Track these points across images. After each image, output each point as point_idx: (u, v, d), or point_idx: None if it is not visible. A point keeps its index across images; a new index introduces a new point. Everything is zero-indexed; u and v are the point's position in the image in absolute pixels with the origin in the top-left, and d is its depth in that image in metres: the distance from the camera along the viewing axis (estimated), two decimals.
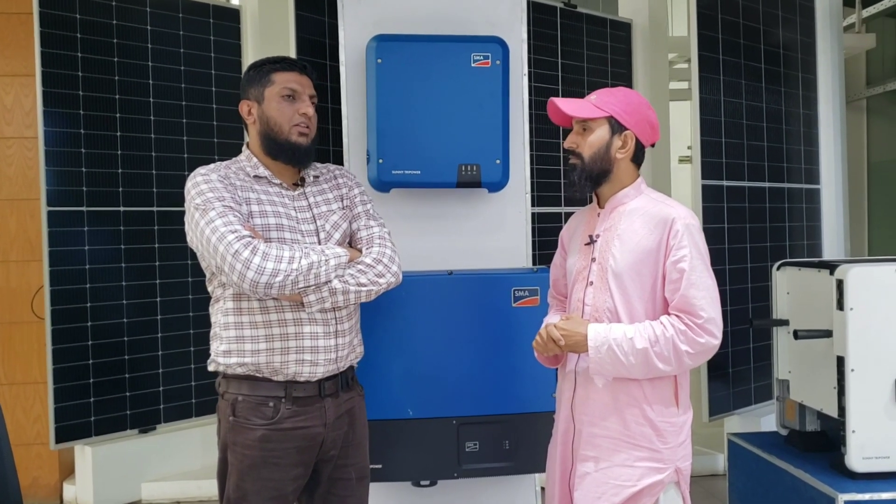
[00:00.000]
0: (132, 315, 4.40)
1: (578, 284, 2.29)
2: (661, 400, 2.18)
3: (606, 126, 2.21)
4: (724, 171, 4.42)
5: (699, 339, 2.09)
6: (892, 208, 6.79)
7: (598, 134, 2.21)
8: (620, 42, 5.11)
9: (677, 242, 2.12)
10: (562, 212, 4.90)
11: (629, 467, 2.17)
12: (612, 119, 2.20)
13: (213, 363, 2.21)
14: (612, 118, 2.20)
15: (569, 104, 2.24)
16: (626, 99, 2.23)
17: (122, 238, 4.37)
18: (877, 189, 6.86)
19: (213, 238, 2.04)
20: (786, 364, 3.24)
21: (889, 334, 2.72)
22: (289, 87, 2.21)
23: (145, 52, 4.45)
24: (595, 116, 2.20)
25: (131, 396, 4.39)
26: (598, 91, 2.28)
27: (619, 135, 2.21)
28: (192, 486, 4.45)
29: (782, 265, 3.30)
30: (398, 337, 2.57)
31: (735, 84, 4.50)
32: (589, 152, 2.21)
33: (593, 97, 2.25)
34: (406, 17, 2.83)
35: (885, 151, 7.00)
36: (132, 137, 4.40)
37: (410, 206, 2.38)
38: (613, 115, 2.20)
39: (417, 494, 2.77)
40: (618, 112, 2.20)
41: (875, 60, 7.07)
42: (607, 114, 2.20)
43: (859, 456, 2.72)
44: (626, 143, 2.21)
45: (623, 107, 2.21)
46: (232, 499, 2.15)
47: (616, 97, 2.23)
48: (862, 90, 6.61)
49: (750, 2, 4.60)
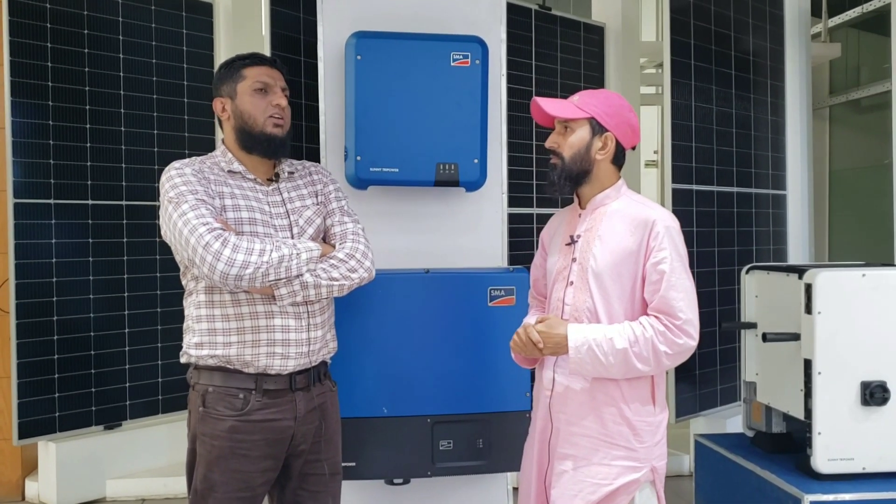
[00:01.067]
0: (99, 310, 4.33)
1: (559, 284, 2.31)
2: (638, 399, 2.21)
3: (587, 127, 2.23)
4: (694, 176, 4.48)
5: (678, 340, 2.13)
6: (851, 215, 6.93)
7: (578, 134, 2.23)
8: (593, 45, 5.15)
9: (658, 244, 2.15)
10: (533, 213, 4.92)
11: (606, 466, 2.19)
12: (593, 120, 2.23)
13: (185, 355, 2.22)
14: (594, 119, 2.23)
15: (551, 104, 2.26)
16: (607, 101, 2.26)
17: (89, 232, 4.30)
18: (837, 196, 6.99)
19: (185, 230, 2.05)
20: (753, 366, 3.29)
21: (855, 338, 2.77)
22: (260, 80, 2.24)
23: (116, 43, 4.38)
24: (576, 117, 2.23)
25: (97, 392, 4.33)
26: (580, 92, 2.31)
27: (600, 136, 2.23)
28: (158, 484, 4.40)
29: (751, 269, 3.35)
30: (374, 334, 2.57)
31: (706, 89, 4.56)
32: (569, 152, 2.23)
33: (575, 98, 2.27)
34: (385, 14, 2.83)
35: (846, 159, 7.14)
36: (102, 130, 4.33)
37: (387, 203, 2.38)
38: (594, 117, 2.23)
39: (390, 493, 2.77)
40: (599, 113, 2.23)
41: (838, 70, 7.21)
42: (588, 115, 2.22)
43: (825, 457, 2.77)
44: (606, 144, 2.23)
45: (604, 108, 2.23)
46: (199, 490, 2.15)
47: (598, 99, 2.26)
48: (825, 99, 6.74)
49: (721, 8, 4.66)
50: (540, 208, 4.93)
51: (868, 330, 2.78)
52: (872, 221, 6.88)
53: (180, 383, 4.68)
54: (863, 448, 2.78)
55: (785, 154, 5.15)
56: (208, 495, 2.13)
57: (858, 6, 6.78)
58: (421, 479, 2.73)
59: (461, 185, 2.75)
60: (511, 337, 2.26)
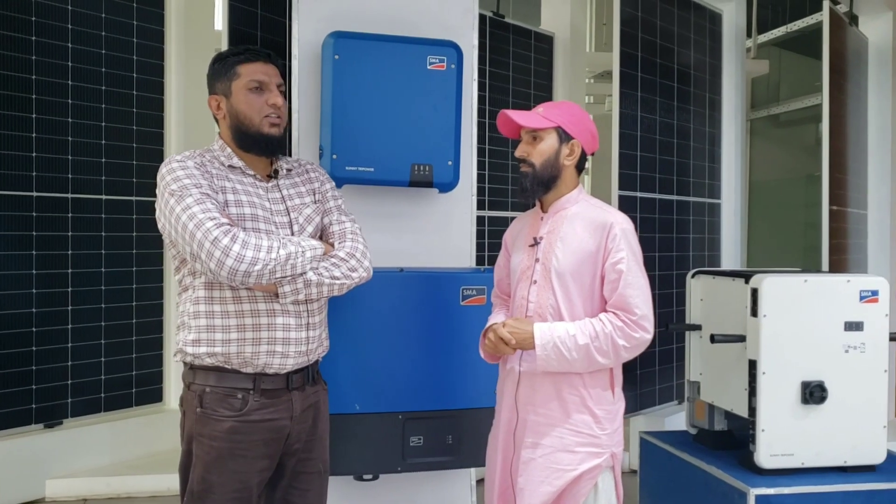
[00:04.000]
0: (41, 305, 4.22)
1: (522, 283, 2.43)
2: (598, 388, 2.36)
3: (555, 136, 2.38)
4: (639, 183, 4.64)
5: (634, 335, 2.29)
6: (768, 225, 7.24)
7: (547, 143, 2.37)
8: (543, 54, 5.27)
9: (615, 245, 2.31)
10: (509, 216, 5.04)
11: (570, 452, 2.32)
12: (559, 129, 2.37)
13: (181, 353, 2.17)
14: (560, 128, 2.37)
15: (521, 116, 2.40)
16: (570, 111, 2.42)
17: (33, 224, 4.18)
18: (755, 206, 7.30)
19: (191, 225, 2.01)
20: (697, 367, 3.40)
21: (797, 340, 2.90)
22: (255, 78, 2.19)
23: (65, 32, 4.27)
24: (545, 127, 2.37)
25: (37, 389, 4.20)
26: (543, 104, 2.46)
27: (567, 143, 2.38)
28: (101, 484, 4.29)
29: (696, 273, 3.46)
30: (348, 332, 2.58)
31: (650, 100, 4.72)
32: (540, 160, 2.37)
33: (541, 109, 2.42)
34: (359, 15, 2.85)
35: (764, 172, 7.47)
36: (48, 120, 4.22)
37: (362, 202, 2.41)
38: (561, 126, 2.37)
39: (358, 488, 2.79)
40: (565, 122, 2.38)
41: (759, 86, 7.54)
42: (555, 124, 2.37)
43: (767, 453, 2.88)
44: (573, 151, 2.39)
45: (569, 118, 2.39)
46: (196, 491, 2.11)
47: (562, 109, 2.42)
48: (747, 113, 7.04)
49: (666, 23, 4.83)
50: (515, 211, 5.04)
51: (808, 332, 2.91)
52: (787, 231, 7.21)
53: (124, 381, 4.61)
54: (802, 444, 2.90)
55: (720, 165, 5.36)
56: (206, 497, 2.10)
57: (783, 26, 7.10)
58: (389, 475, 2.76)
59: (435, 186, 2.80)
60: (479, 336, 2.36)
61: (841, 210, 4.83)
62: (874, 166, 5.51)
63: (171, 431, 4.51)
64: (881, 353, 2.95)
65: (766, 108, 7.52)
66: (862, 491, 2.86)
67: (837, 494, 2.84)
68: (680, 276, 4.80)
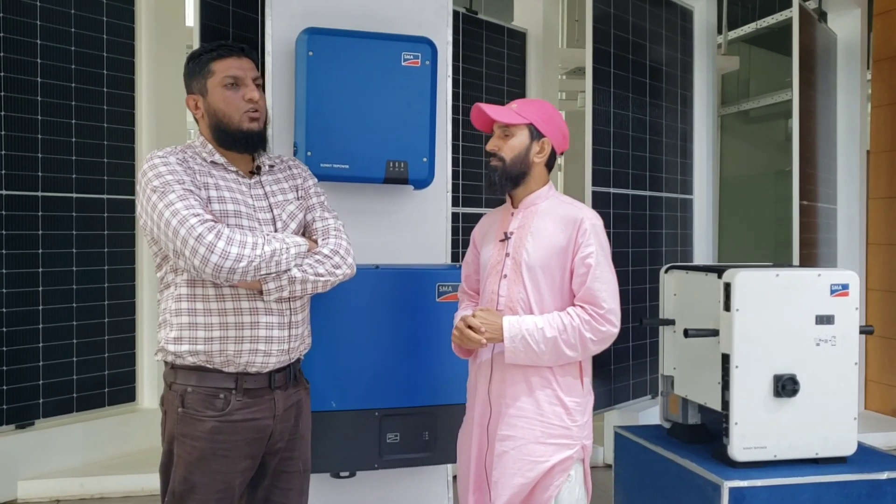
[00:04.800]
0: (11, 304, 4.16)
1: (492, 277, 2.45)
2: (568, 377, 2.39)
3: (526, 132, 2.40)
4: (612, 179, 4.66)
5: (601, 328, 2.32)
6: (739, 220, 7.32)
7: (519, 139, 2.39)
8: (516, 50, 5.28)
9: (585, 240, 2.35)
10: (482, 213, 5.01)
11: (543, 444, 2.35)
12: (531, 126, 2.40)
13: (162, 352, 2.14)
14: (532, 125, 2.40)
15: (494, 110, 2.41)
16: (542, 109, 2.44)
17: (3, 223, 4.12)
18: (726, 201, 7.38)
19: (174, 221, 1.97)
20: (671, 361, 3.42)
21: (770, 334, 2.93)
22: (230, 74, 2.15)
23: (34, 28, 4.22)
24: (517, 122, 2.39)
25: (8, 390, 4.15)
26: (517, 101, 2.48)
27: (538, 141, 2.41)
28: (74, 484, 4.24)
29: (670, 269, 3.49)
30: (324, 329, 2.56)
31: (623, 96, 4.75)
32: (510, 155, 2.39)
33: (514, 106, 2.44)
34: (333, 11, 2.84)
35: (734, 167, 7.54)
36: (17, 118, 4.17)
37: (337, 199, 2.39)
38: (533, 123, 2.40)
39: (335, 486, 2.79)
40: (537, 120, 2.40)
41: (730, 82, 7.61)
42: (528, 121, 2.39)
43: (741, 446, 2.91)
44: (543, 148, 2.41)
45: (541, 116, 2.41)
46: (177, 492, 2.08)
47: (535, 107, 2.44)
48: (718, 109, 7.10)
49: (638, 19, 4.87)
50: (490, 208, 5.03)
51: (780, 326, 2.94)
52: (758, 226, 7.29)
53: (96, 381, 4.56)
54: (774, 437, 2.93)
55: (692, 160, 5.41)
56: (187, 497, 2.08)
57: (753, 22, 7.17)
58: (365, 472, 2.77)
59: (410, 183, 2.80)
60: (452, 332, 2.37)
61: (811, 205, 4.90)
62: (843, 161, 5.60)
63: (144, 431, 4.55)
64: (851, 346, 2.99)
65: (737, 105, 7.59)
66: (834, 482, 2.89)
67: (810, 486, 2.88)
68: (653, 271, 4.84)
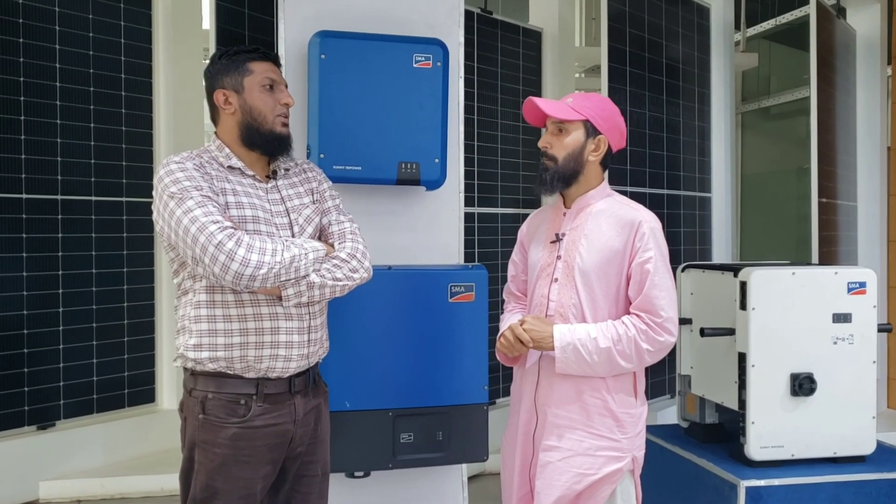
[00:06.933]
0: (32, 307, 4.21)
1: (542, 281, 2.36)
2: (622, 392, 2.29)
3: (582, 129, 2.28)
4: (629, 178, 4.65)
5: (659, 338, 2.21)
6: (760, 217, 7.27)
7: (574, 136, 2.28)
8: (531, 49, 5.27)
9: (643, 245, 2.23)
10: (498, 213, 5.04)
11: (591, 456, 2.25)
12: (587, 123, 2.28)
13: (181, 358, 2.13)
14: (588, 122, 2.28)
15: (548, 105, 2.30)
16: (600, 104, 2.32)
17: (23, 226, 4.18)
18: (747, 199, 7.32)
19: (193, 228, 1.96)
20: (688, 360, 3.42)
21: (786, 332, 2.92)
22: (268, 76, 2.17)
23: (52, 34, 4.27)
24: (573, 119, 2.28)
25: (30, 392, 4.21)
26: (573, 95, 2.36)
27: (594, 138, 2.29)
28: (95, 485, 4.29)
29: (686, 268, 3.48)
30: (338, 330, 2.57)
31: (639, 95, 4.73)
32: (563, 153, 2.28)
33: (570, 100, 2.32)
34: (345, 14, 2.84)
35: (755, 164, 7.49)
36: (37, 122, 4.22)
37: (349, 201, 2.40)
38: (590, 119, 2.28)
39: (350, 486, 2.80)
40: (594, 116, 2.28)
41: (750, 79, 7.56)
42: (584, 117, 2.27)
43: (757, 445, 2.91)
44: (598, 147, 2.30)
45: (598, 112, 2.29)
46: (199, 499, 2.08)
47: (592, 102, 2.31)
48: (738, 106, 7.05)
49: (654, 17, 4.84)
50: (506, 208, 5.05)
51: (797, 325, 2.93)
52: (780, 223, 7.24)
53: (116, 382, 4.61)
54: (792, 436, 2.92)
55: (710, 158, 5.38)
56: (209, 503, 2.08)
57: (772, 19, 7.12)
58: (380, 472, 2.77)
59: (422, 184, 2.80)
60: (470, 332, 2.36)
61: (830, 202, 4.85)
62: (863, 158, 5.53)
63: (163, 432, 4.59)
64: (869, 345, 2.97)
65: (757, 101, 7.53)
66: (852, 482, 2.88)
67: (828, 485, 2.86)
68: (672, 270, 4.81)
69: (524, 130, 5.15)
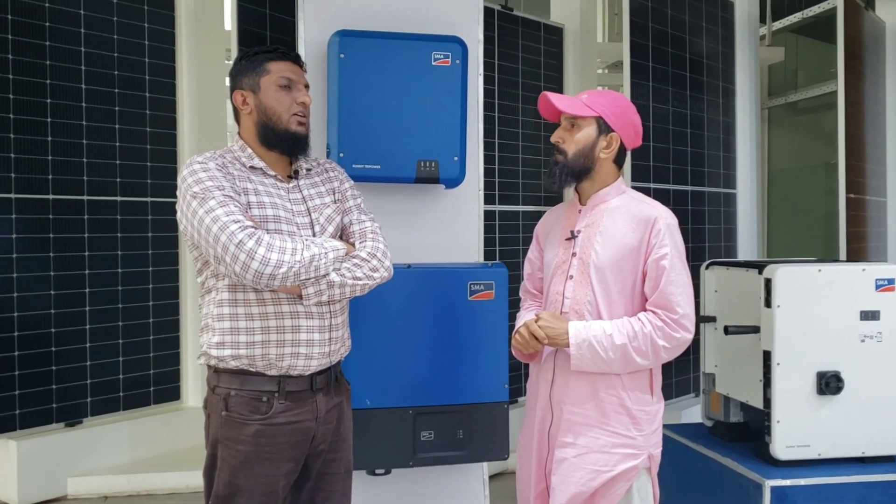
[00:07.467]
0: (60, 306, 4.27)
1: (557, 278, 2.36)
2: (638, 389, 2.28)
3: (594, 126, 2.28)
4: (652, 175, 4.61)
5: (675, 335, 2.20)
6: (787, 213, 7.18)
7: (585, 132, 2.28)
8: (553, 46, 5.24)
9: (659, 241, 2.22)
10: (520, 210, 5.03)
11: (606, 453, 2.25)
12: (600, 119, 2.28)
13: (205, 356, 2.16)
14: (601, 119, 2.28)
15: (561, 100, 2.30)
16: (615, 102, 2.32)
17: (50, 227, 4.23)
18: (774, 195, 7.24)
19: (215, 227, 1.99)
20: (712, 358, 3.39)
21: (812, 330, 2.89)
22: (285, 76, 2.18)
23: (78, 37, 4.32)
24: (585, 115, 2.28)
25: (57, 389, 4.27)
26: (588, 91, 2.36)
27: (605, 135, 2.29)
28: (121, 481, 4.34)
29: (710, 265, 3.45)
30: (359, 328, 2.58)
31: (663, 90, 4.69)
32: (574, 149, 2.28)
33: (584, 96, 2.32)
34: (364, 13, 2.85)
35: (782, 160, 7.40)
36: (63, 124, 4.27)
37: (369, 199, 2.39)
38: (602, 116, 2.28)
39: (371, 483, 2.80)
40: (607, 113, 2.28)
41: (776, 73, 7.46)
42: (597, 114, 2.28)
43: (783, 444, 2.88)
44: (610, 144, 2.30)
45: (612, 109, 2.29)
46: (221, 495, 2.10)
47: (606, 99, 2.31)
48: (764, 101, 6.96)
49: (677, 12, 4.80)
50: (526, 205, 5.04)
51: (823, 322, 2.90)
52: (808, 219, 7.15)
53: (142, 380, 4.66)
54: (818, 435, 2.89)
55: (735, 154, 5.32)
56: (232, 500, 2.10)
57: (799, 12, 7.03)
58: (401, 469, 2.77)
59: (441, 182, 2.79)
60: (490, 330, 2.34)
61: (859, 198, 4.79)
62: (893, 153, 5.45)
63: (188, 429, 4.63)
64: None
65: (784, 96, 7.44)
66: (880, 482, 2.85)
67: (855, 485, 2.83)
68: (696, 267, 4.77)
69: (545, 127, 5.12)
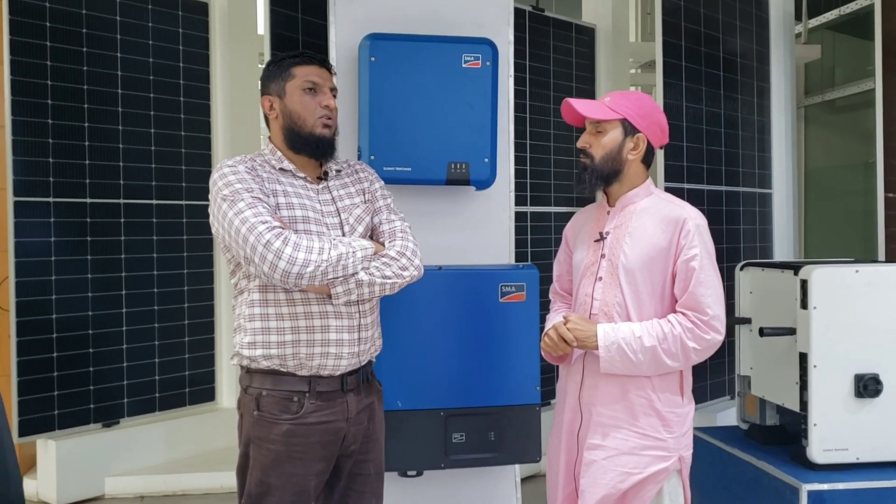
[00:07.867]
0: (97, 308, 4.35)
1: (586, 280, 2.35)
2: (668, 391, 2.27)
3: (620, 128, 2.28)
4: (685, 175, 4.57)
5: (705, 336, 2.19)
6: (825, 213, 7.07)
7: (611, 135, 2.28)
8: (584, 46, 5.22)
9: (688, 242, 2.21)
10: (552, 211, 5.02)
11: (636, 455, 2.24)
12: (625, 121, 2.27)
13: (238, 356, 2.19)
14: (626, 121, 2.27)
15: (584, 105, 2.31)
16: (638, 102, 2.31)
17: (88, 230, 4.31)
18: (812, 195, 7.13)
19: (244, 228, 2.02)
20: (748, 360, 3.35)
21: (849, 332, 2.83)
22: (309, 79, 2.21)
23: (114, 42, 4.40)
24: (609, 118, 2.28)
25: (95, 390, 4.34)
26: (611, 94, 2.35)
27: (632, 137, 2.28)
28: (157, 481, 4.41)
29: (745, 266, 3.41)
30: (389, 330, 2.59)
31: (696, 90, 4.65)
32: (601, 153, 2.28)
33: (607, 99, 2.31)
34: (395, 16, 2.86)
35: (820, 159, 7.29)
36: (100, 128, 4.35)
37: (399, 201, 2.41)
38: (627, 118, 2.27)
39: (403, 484, 2.81)
40: (631, 115, 2.27)
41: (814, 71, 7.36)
42: (621, 116, 2.27)
43: (820, 448, 2.83)
44: (637, 145, 2.29)
45: (636, 110, 2.28)
46: (254, 494, 2.13)
47: (629, 100, 2.30)
48: (801, 100, 6.87)
49: (710, 11, 4.75)
50: (559, 206, 5.02)
51: (861, 324, 2.85)
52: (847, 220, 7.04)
53: (177, 381, 4.72)
54: (857, 439, 2.84)
55: (770, 153, 5.26)
56: (264, 499, 2.12)
57: (836, 8, 6.93)
58: (433, 471, 2.78)
59: (472, 184, 2.79)
60: (522, 332, 2.35)
61: None
62: None
63: (223, 430, 4.68)
64: None
65: (821, 94, 7.33)
66: None
67: (895, 490, 2.77)
68: (731, 268, 4.72)
69: (577, 128, 5.11)
